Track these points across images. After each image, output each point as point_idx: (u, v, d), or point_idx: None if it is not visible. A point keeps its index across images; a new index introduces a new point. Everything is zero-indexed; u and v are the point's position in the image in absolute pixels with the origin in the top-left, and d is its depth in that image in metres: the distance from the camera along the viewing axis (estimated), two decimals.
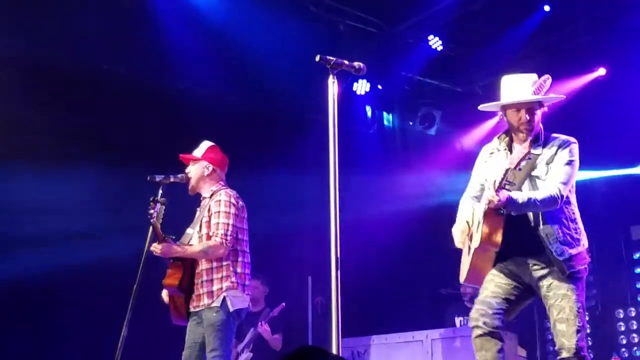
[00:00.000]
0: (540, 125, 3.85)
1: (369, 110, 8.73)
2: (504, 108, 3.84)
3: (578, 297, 3.65)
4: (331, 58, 3.20)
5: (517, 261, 3.80)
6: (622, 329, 7.84)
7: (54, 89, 6.52)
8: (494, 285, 3.80)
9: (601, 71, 7.87)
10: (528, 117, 3.74)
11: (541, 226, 3.68)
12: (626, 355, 7.75)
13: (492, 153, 3.98)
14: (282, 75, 7.13)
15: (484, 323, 3.70)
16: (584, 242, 3.81)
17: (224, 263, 4.53)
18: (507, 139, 3.91)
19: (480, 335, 3.71)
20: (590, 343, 7.50)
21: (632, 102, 7.51)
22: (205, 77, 7.24)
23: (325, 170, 3.44)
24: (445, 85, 8.71)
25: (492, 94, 7.89)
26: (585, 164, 4.17)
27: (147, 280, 4.55)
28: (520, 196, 3.62)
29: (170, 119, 7.22)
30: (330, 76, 3.14)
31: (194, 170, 4.74)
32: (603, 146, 7.31)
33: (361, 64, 3.45)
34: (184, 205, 4.86)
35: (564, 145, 3.79)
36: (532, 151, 3.70)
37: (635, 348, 7.75)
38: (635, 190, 7.94)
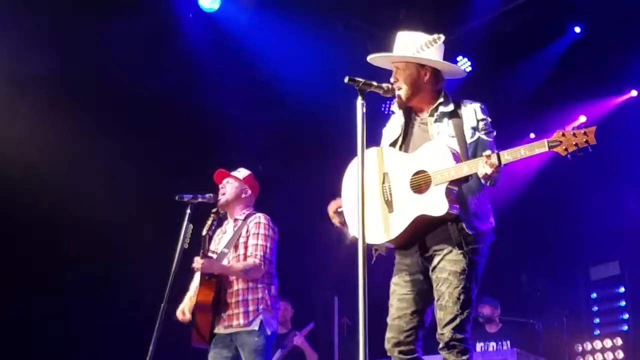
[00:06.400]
0: None
1: None
2: None
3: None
4: (360, 79, 3.18)
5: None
6: None
7: (86, 106, 6.64)
8: (397, 300, 3.45)
9: (633, 93, 7.79)
10: None
11: None
12: None
13: None
14: (311, 95, 7.15)
15: (400, 352, 3.38)
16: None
17: (260, 285, 4.55)
18: None
19: None
20: None
21: None
22: (234, 97, 7.30)
23: None
24: None
25: (523, 114, 7.88)
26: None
27: (175, 298, 4.57)
28: None
29: (199, 137, 7.29)
30: (359, 97, 3.12)
31: (231, 189, 4.81)
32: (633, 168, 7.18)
33: (389, 85, 3.44)
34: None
35: None
36: None
37: None
38: None
